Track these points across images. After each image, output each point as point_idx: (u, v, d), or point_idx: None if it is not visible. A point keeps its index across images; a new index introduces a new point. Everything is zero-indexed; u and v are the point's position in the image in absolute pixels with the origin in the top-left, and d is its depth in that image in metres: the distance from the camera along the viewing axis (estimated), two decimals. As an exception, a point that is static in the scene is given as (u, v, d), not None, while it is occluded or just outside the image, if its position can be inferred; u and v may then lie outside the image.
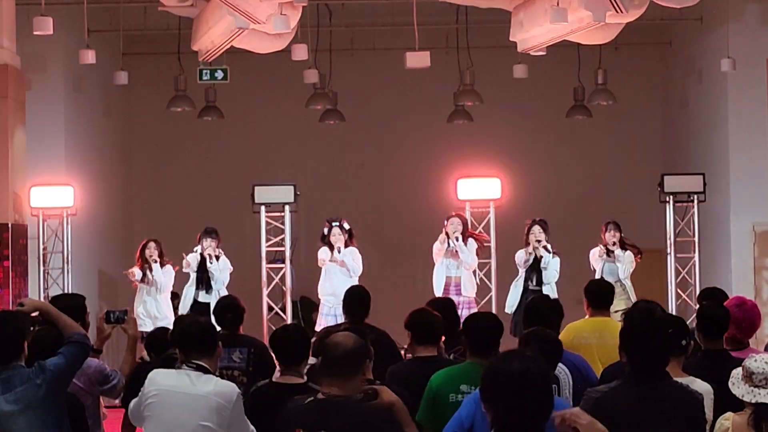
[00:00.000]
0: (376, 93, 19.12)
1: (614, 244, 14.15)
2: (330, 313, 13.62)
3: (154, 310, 13.91)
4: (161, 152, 19.46)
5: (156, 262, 14.15)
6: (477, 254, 14.25)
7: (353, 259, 13.97)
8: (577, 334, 8.37)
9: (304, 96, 17.99)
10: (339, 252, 13.87)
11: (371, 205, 18.99)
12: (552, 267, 13.88)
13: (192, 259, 14.22)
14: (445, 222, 14.12)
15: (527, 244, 14.00)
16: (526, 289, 13.88)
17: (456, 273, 13.97)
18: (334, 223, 13.99)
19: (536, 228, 14.00)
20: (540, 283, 13.87)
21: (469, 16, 17.29)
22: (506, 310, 13.76)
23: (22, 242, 13.77)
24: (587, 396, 5.53)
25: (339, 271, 13.82)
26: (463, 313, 12.40)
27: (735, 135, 16.28)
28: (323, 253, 14.04)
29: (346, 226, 14.06)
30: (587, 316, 8.72)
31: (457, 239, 13.90)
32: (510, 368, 4.21)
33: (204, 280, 14.12)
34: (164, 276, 14.14)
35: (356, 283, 12.53)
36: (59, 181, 14.87)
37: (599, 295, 8.69)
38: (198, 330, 6.26)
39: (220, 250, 14.25)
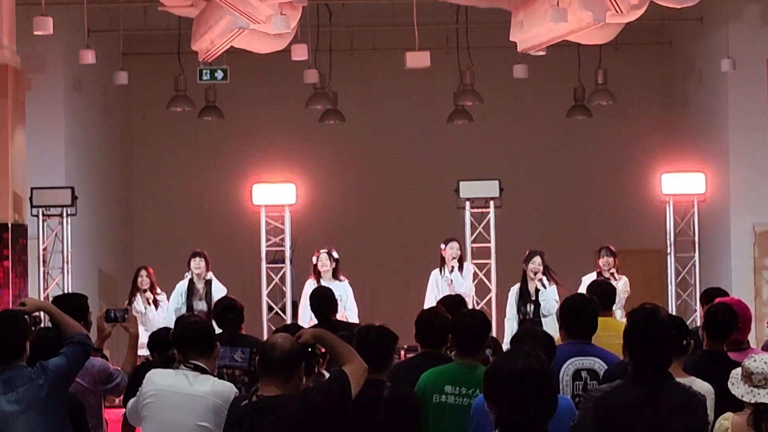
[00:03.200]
0: (376, 93, 19.12)
1: (609, 271, 13.66)
2: None
3: (148, 322, 13.74)
4: (161, 152, 19.45)
5: (146, 291, 13.84)
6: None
7: (346, 294, 13.34)
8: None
9: (304, 96, 17.99)
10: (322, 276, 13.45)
11: (371, 205, 19.00)
12: (550, 297, 13.02)
13: (181, 288, 13.83)
14: (443, 246, 13.77)
15: (524, 272, 13.53)
16: (522, 322, 13.39)
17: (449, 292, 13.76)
18: (322, 251, 13.69)
19: (537, 258, 13.38)
20: (537, 314, 13.32)
21: (469, 16, 17.29)
22: (505, 345, 13.43)
23: (22, 242, 13.77)
24: (588, 395, 5.53)
25: None
26: None
27: (735, 135, 16.28)
28: (309, 287, 13.78)
29: (335, 255, 13.73)
30: None
31: (452, 269, 13.70)
32: (514, 367, 4.20)
33: (192, 307, 13.76)
34: (157, 313, 13.93)
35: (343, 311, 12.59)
36: (59, 181, 14.86)
37: (602, 295, 8.69)
38: (196, 330, 6.27)
39: (211, 274, 13.74)
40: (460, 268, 13.77)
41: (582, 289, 13.64)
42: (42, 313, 6.56)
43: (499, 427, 4.18)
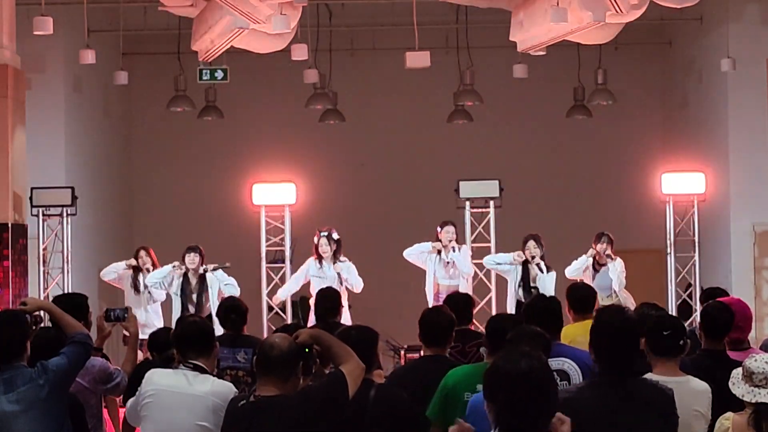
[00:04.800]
0: (376, 93, 19.11)
1: (608, 256, 13.84)
2: None
3: (143, 319, 13.67)
4: (161, 152, 19.45)
5: (149, 271, 13.93)
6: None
7: (349, 273, 13.63)
8: (572, 340, 8.35)
9: (304, 96, 17.99)
10: (334, 263, 13.59)
11: (371, 205, 18.99)
12: (548, 284, 13.41)
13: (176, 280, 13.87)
14: (439, 229, 13.97)
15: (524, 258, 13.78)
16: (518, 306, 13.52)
17: (449, 282, 13.80)
18: (322, 233, 13.79)
19: (531, 243, 13.73)
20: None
21: (469, 16, 17.30)
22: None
23: (22, 242, 13.76)
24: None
25: (328, 284, 13.57)
26: None
27: (735, 135, 16.28)
28: (310, 266, 13.80)
29: (335, 236, 13.82)
30: (571, 321, 8.72)
31: (453, 249, 13.81)
32: (515, 368, 4.20)
33: (187, 303, 13.74)
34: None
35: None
36: (59, 181, 14.86)
37: (582, 298, 8.69)
38: (195, 330, 6.27)
39: (206, 266, 13.72)
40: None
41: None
42: (43, 313, 6.55)
43: (498, 427, 4.18)
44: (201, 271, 13.68)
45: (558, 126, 18.92)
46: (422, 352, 7.29)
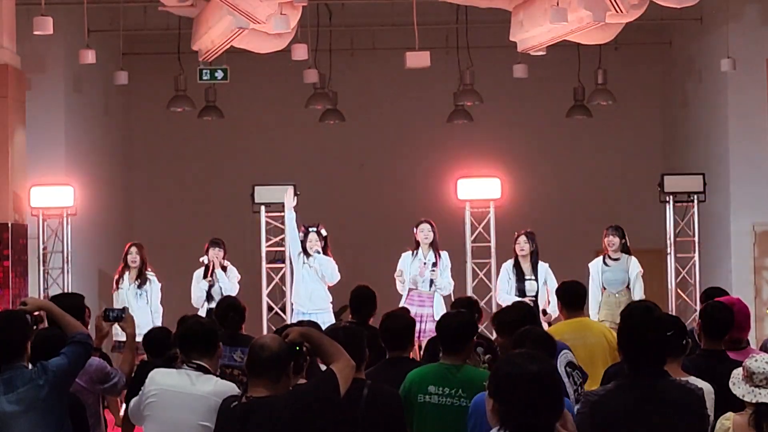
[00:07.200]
0: (376, 93, 19.11)
1: (614, 250, 13.70)
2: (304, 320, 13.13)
3: (146, 320, 13.61)
4: (161, 152, 19.45)
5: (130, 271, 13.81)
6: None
7: (328, 267, 13.47)
8: (559, 338, 8.37)
9: (304, 96, 17.99)
10: (318, 253, 13.43)
11: (371, 205, 18.99)
12: (551, 310, 12.98)
13: (198, 277, 13.91)
14: (414, 229, 13.70)
15: (515, 253, 13.67)
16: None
17: (421, 287, 13.49)
18: (311, 229, 13.74)
19: (521, 239, 13.49)
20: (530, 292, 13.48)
21: (469, 16, 17.29)
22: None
23: (22, 242, 13.76)
24: (585, 399, 5.51)
25: (315, 277, 13.57)
26: (428, 326, 12.42)
27: (735, 135, 16.28)
28: (297, 261, 13.73)
29: (324, 232, 13.78)
30: (562, 319, 8.76)
31: (430, 258, 13.53)
32: (526, 370, 4.23)
33: (209, 293, 13.81)
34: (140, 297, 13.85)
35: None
36: (59, 181, 14.86)
37: (572, 295, 8.71)
38: (199, 330, 6.28)
39: (228, 261, 13.95)
40: (436, 261, 13.55)
41: (590, 277, 13.72)
42: (43, 313, 6.55)
43: (505, 426, 4.20)
44: (224, 264, 13.86)
45: (558, 126, 18.91)
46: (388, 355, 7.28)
